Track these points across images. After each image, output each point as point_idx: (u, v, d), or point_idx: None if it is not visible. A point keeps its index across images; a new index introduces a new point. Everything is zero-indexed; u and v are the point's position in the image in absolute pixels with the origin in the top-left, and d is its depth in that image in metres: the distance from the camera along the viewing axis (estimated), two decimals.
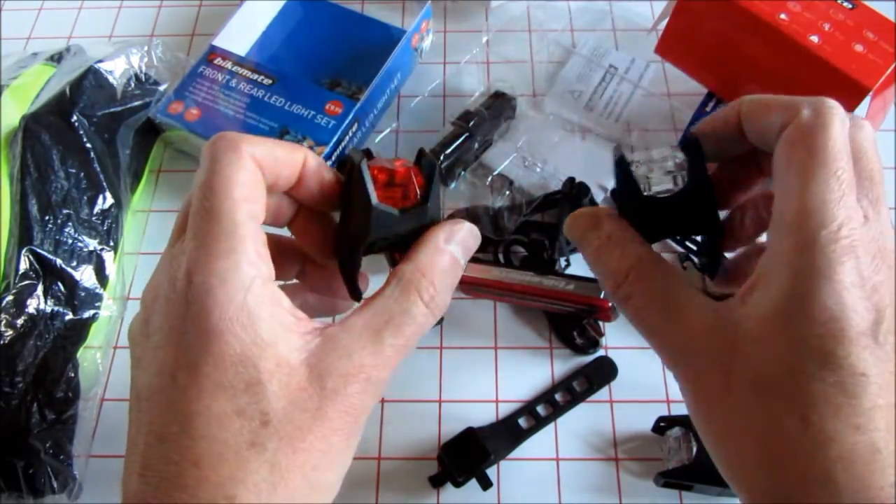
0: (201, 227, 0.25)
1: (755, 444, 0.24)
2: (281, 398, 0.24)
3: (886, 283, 0.24)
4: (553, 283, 0.46)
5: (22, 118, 0.51)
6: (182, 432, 0.23)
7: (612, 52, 0.62)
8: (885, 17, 0.49)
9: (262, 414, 0.23)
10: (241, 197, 0.25)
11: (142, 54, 0.59)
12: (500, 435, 0.46)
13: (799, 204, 0.24)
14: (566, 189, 0.50)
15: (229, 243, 0.24)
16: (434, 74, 0.62)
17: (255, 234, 0.25)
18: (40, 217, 0.48)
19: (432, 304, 0.27)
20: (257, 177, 0.26)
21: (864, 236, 0.24)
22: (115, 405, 0.48)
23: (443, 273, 0.27)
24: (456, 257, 0.28)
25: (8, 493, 0.43)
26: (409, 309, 0.26)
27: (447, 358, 0.50)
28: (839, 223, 0.23)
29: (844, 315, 0.23)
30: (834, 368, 0.23)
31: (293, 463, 0.24)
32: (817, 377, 0.23)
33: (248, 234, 0.25)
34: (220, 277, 0.24)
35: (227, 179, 0.25)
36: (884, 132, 0.58)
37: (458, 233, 0.28)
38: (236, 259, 0.24)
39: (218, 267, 0.24)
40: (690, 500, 0.44)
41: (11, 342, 0.44)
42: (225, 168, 0.25)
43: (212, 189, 0.25)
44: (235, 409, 0.23)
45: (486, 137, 0.55)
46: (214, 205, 0.25)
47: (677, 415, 0.45)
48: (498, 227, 0.52)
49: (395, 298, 0.26)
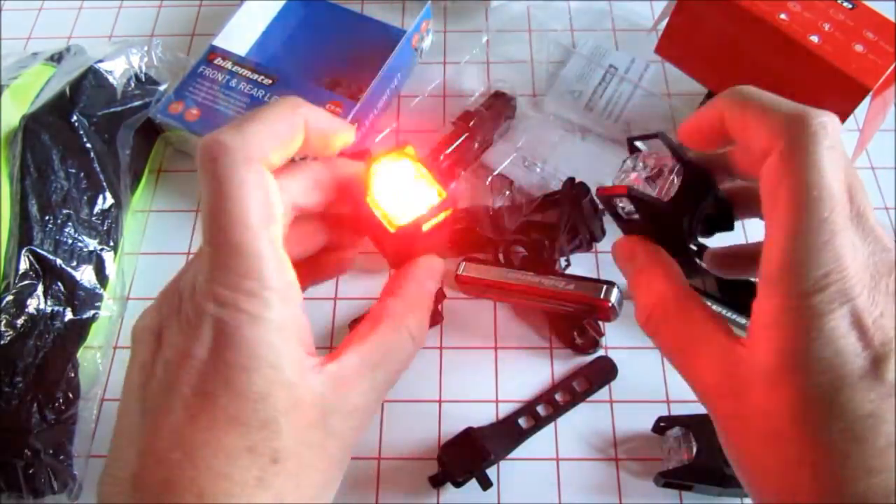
0: (222, 260, 0.23)
1: (772, 484, 0.24)
2: (292, 436, 0.24)
3: (887, 313, 0.23)
4: (553, 283, 0.46)
5: (22, 118, 0.51)
6: (185, 460, 0.22)
7: (612, 52, 0.62)
8: (885, 17, 0.49)
9: (274, 451, 0.23)
10: (259, 222, 0.24)
11: (142, 54, 0.59)
12: (500, 435, 0.46)
13: (783, 257, 0.23)
14: (566, 189, 0.50)
15: (257, 283, 0.23)
16: (434, 74, 0.62)
17: (281, 263, 0.25)
18: (40, 217, 0.48)
19: (419, 339, 0.28)
20: (275, 191, 0.25)
21: (856, 270, 0.23)
22: (115, 405, 0.48)
23: (426, 309, 0.29)
24: (432, 293, 0.29)
25: (8, 493, 0.43)
26: (402, 345, 0.27)
27: (447, 358, 0.50)
28: (826, 270, 0.23)
29: (842, 362, 0.22)
30: (838, 416, 0.22)
31: (295, 496, 0.24)
32: (823, 427, 0.22)
33: (274, 265, 0.24)
34: (251, 314, 0.23)
35: (238, 203, 0.24)
36: (884, 132, 0.58)
37: (435, 270, 0.30)
38: (267, 298, 0.24)
39: (248, 304, 0.23)
40: (690, 500, 0.44)
41: (11, 342, 0.44)
42: (234, 189, 0.24)
43: (226, 214, 0.23)
44: (247, 445, 0.23)
45: (486, 137, 0.55)
46: (232, 238, 0.23)
47: (677, 415, 0.45)
48: (498, 227, 0.52)
49: (388, 336, 0.27)
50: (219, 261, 0.24)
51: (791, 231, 0.23)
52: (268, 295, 0.24)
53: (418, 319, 0.28)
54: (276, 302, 0.24)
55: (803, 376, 0.23)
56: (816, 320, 0.23)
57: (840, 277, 0.23)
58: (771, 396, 0.24)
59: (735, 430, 0.25)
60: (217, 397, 0.23)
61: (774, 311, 0.24)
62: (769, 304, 0.24)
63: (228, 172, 0.24)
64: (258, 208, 0.24)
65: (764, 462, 0.24)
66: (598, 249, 0.53)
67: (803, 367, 0.23)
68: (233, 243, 0.24)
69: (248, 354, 0.23)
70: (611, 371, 0.48)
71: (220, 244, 0.24)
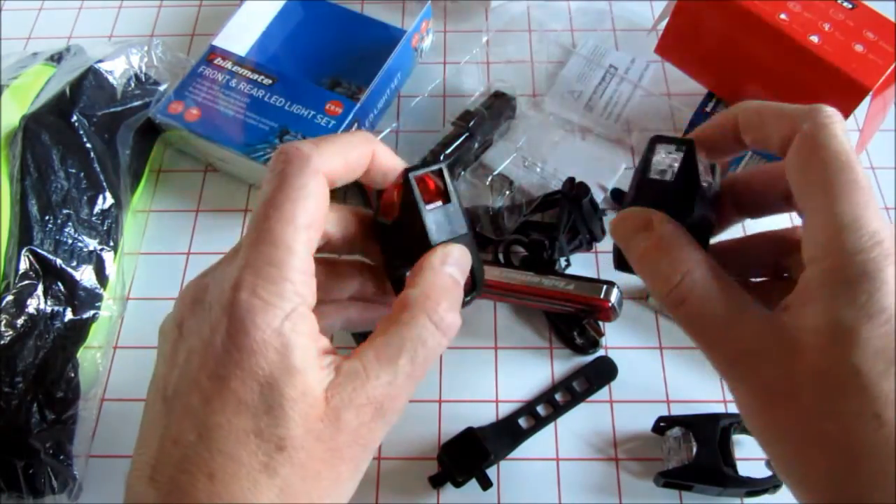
0: (256, 246, 0.25)
1: (825, 445, 0.24)
2: (299, 426, 0.24)
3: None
4: (553, 283, 0.46)
5: (22, 118, 0.51)
6: (200, 442, 0.23)
7: (612, 52, 0.62)
8: (885, 17, 0.49)
9: (280, 439, 0.24)
10: (303, 224, 0.25)
11: (142, 54, 0.59)
12: (500, 435, 0.46)
13: (831, 221, 0.24)
14: (566, 189, 0.50)
15: (280, 270, 0.25)
16: (434, 74, 0.62)
17: (307, 265, 0.26)
18: (40, 217, 0.48)
19: (442, 326, 0.27)
20: (324, 202, 0.27)
21: None
22: (115, 405, 0.48)
23: (446, 293, 0.27)
24: (455, 278, 0.28)
25: (8, 493, 0.43)
26: (420, 334, 0.26)
27: (447, 358, 0.50)
28: (874, 229, 0.24)
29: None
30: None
31: (302, 490, 0.24)
32: (886, 374, 0.23)
33: (299, 263, 0.25)
34: (265, 300, 0.24)
35: (292, 202, 0.25)
36: (884, 132, 0.58)
37: (451, 254, 0.29)
38: (283, 286, 0.24)
39: (264, 290, 0.24)
40: (690, 500, 0.44)
41: (11, 342, 0.44)
42: (293, 190, 0.25)
43: (276, 209, 0.25)
44: (255, 428, 0.23)
45: (486, 137, 0.55)
46: (275, 228, 0.25)
47: (677, 415, 0.45)
48: (498, 227, 0.52)
49: (406, 324, 0.26)
50: (254, 248, 0.25)
51: (835, 197, 0.24)
52: (286, 286, 0.25)
53: (440, 304, 0.27)
54: (291, 294, 0.25)
55: (868, 328, 0.23)
56: (878, 272, 0.23)
57: (888, 236, 0.24)
58: (831, 351, 0.24)
59: (783, 395, 0.25)
60: (229, 380, 0.24)
61: (830, 271, 0.24)
62: (821, 267, 0.24)
63: (296, 175, 0.26)
64: (308, 212, 0.26)
65: (820, 423, 0.24)
66: (598, 249, 0.53)
67: (867, 319, 0.23)
68: (273, 234, 0.25)
69: (257, 338, 0.24)
70: (611, 371, 0.48)
71: (262, 233, 0.25)
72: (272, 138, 0.54)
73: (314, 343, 0.25)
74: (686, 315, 0.28)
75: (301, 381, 0.24)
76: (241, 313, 0.24)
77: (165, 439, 0.24)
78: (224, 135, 0.54)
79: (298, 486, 0.24)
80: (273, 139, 0.54)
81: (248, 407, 0.23)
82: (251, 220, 0.26)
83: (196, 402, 0.24)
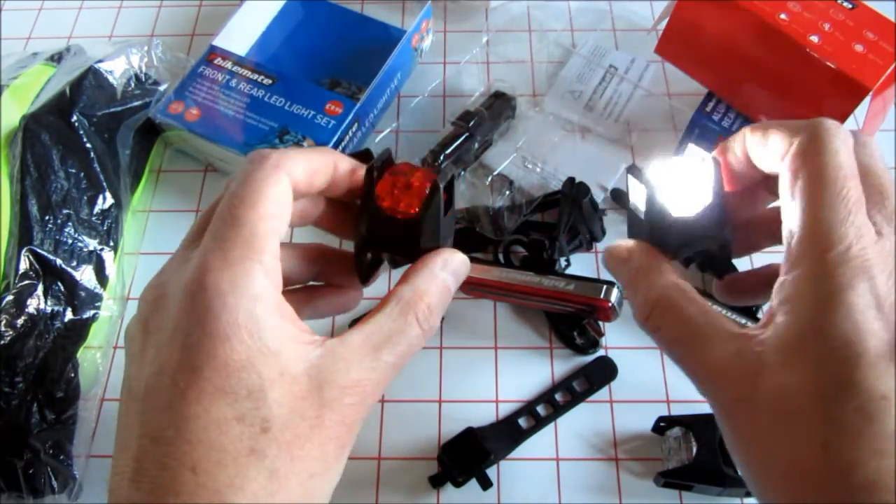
0: (222, 231, 0.25)
1: (780, 470, 0.24)
2: (282, 406, 0.24)
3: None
4: (553, 283, 0.46)
5: (22, 118, 0.51)
6: (178, 436, 0.23)
7: (612, 52, 0.62)
8: (885, 17, 0.49)
9: (263, 420, 0.23)
10: (268, 212, 0.26)
11: (142, 54, 0.59)
12: (500, 435, 0.46)
13: (805, 229, 0.24)
14: (566, 189, 0.50)
15: (246, 252, 0.25)
16: (434, 74, 0.62)
17: (273, 248, 0.26)
18: (40, 217, 0.48)
19: (426, 326, 0.28)
20: (288, 197, 0.27)
21: (878, 254, 0.24)
22: (115, 405, 0.48)
23: (438, 298, 0.29)
24: (448, 285, 0.29)
25: (8, 493, 0.43)
26: (406, 329, 0.27)
27: (447, 358, 0.50)
28: (847, 244, 0.23)
29: (860, 339, 0.22)
30: (853, 393, 0.22)
31: (291, 470, 0.24)
32: (837, 403, 0.22)
33: (266, 246, 0.25)
34: (233, 283, 0.24)
35: (258, 193, 0.26)
36: (884, 132, 0.58)
37: (452, 262, 0.30)
38: (250, 268, 0.25)
39: (232, 273, 0.24)
40: (690, 500, 0.44)
41: (11, 342, 0.44)
42: (259, 182, 0.26)
43: (241, 199, 0.26)
44: (236, 414, 0.23)
45: (486, 137, 0.55)
46: (240, 213, 0.25)
47: (677, 415, 0.45)
48: (498, 227, 0.52)
49: (394, 318, 0.27)
50: (219, 234, 0.25)
51: (813, 206, 0.24)
52: (255, 267, 0.25)
53: (427, 306, 0.28)
54: (259, 275, 0.25)
55: (821, 349, 0.23)
56: (838, 292, 0.23)
57: (861, 254, 0.23)
58: (785, 374, 0.24)
59: (743, 416, 0.25)
60: (202, 369, 0.23)
61: (797, 283, 0.24)
62: (793, 274, 0.24)
63: (258, 171, 0.27)
64: (272, 200, 0.26)
65: (774, 447, 0.24)
66: (598, 249, 0.53)
67: (822, 339, 0.23)
68: (239, 219, 0.25)
69: (227, 322, 0.24)
70: (611, 371, 0.48)
71: (227, 220, 0.25)
72: (272, 138, 0.54)
73: (288, 322, 0.25)
74: (661, 340, 0.29)
75: (277, 362, 0.24)
76: (209, 297, 0.24)
77: (144, 438, 0.23)
78: (224, 135, 0.54)
79: (287, 467, 0.24)
80: (273, 139, 0.54)
81: (227, 393, 0.23)
82: (216, 215, 0.26)
83: (171, 397, 0.23)
